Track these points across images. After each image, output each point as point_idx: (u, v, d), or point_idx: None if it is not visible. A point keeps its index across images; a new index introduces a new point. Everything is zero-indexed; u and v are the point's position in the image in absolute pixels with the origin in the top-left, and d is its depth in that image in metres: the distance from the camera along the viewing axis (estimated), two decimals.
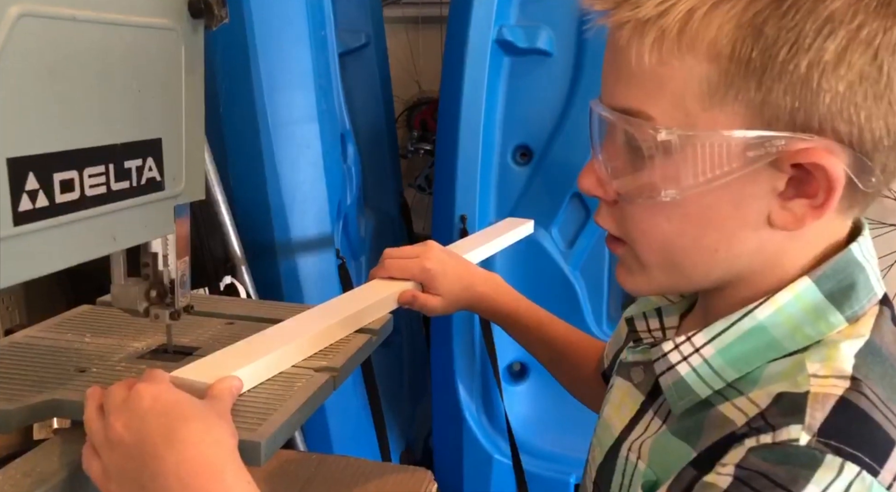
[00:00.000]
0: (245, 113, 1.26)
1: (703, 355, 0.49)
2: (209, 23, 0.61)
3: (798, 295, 0.47)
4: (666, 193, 0.46)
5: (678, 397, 0.50)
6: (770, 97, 0.42)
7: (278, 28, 1.27)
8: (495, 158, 1.53)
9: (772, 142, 0.43)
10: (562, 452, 1.52)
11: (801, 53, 0.41)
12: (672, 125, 0.45)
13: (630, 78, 0.46)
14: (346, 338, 0.71)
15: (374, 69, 1.80)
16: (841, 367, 0.43)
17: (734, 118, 0.43)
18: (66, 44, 0.48)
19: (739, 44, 0.42)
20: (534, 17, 1.46)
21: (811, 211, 0.45)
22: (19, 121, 0.45)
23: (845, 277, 0.47)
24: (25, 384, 0.58)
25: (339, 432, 1.40)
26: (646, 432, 0.54)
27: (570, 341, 0.83)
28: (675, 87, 0.44)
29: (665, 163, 0.45)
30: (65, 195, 0.49)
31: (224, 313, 0.77)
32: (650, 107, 0.46)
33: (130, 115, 0.54)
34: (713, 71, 0.43)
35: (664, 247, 0.49)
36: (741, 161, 0.44)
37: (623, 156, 0.48)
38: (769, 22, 0.41)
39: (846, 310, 0.47)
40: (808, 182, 0.44)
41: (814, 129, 0.43)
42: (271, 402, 0.57)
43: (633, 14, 0.44)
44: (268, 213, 1.29)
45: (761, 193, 0.45)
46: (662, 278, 0.51)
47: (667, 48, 0.44)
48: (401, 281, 0.80)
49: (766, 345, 0.47)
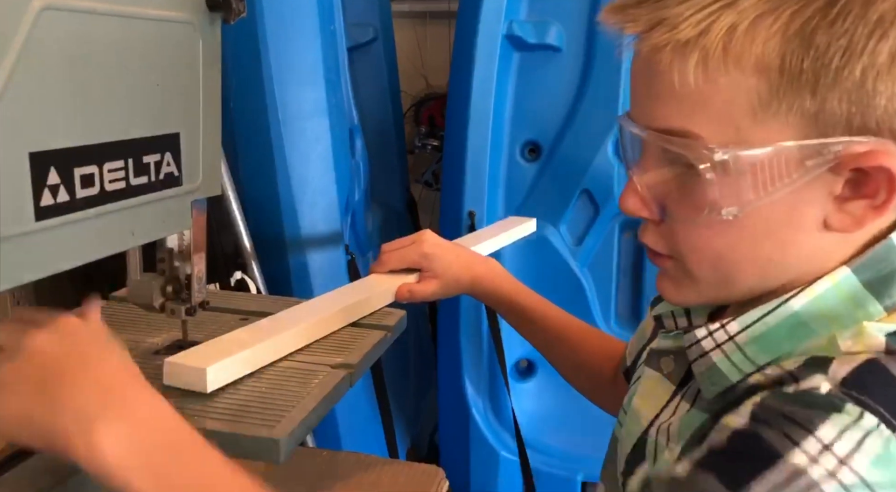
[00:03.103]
0: (255, 107, 1.25)
1: (737, 343, 0.48)
2: (227, 16, 0.61)
3: (836, 284, 0.46)
4: (727, 211, 0.45)
5: (710, 383, 0.49)
6: (826, 105, 0.42)
7: (289, 22, 1.26)
8: (504, 154, 1.52)
9: (829, 148, 0.42)
10: (569, 449, 1.52)
11: (855, 59, 0.41)
12: (723, 142, 0.44)
13: (671, 98, 0.45)
14: (361, 334, 0.71)
15: (382, 64, 1.80)
16: (875, 342, 0.43)
17: (788, 129, 0.43)
18: (85, 37, 0.48)
19: (789, 56, 0.41)
20: (543, 12, 1.45)
21: (871, 211, 0.44)
22: (41, 115, 0.45)
23: (886, 265, 0.46)
24: None
25: (348, 428, 1.40)
26: (674, 415, 0.54)
27: (567, 328, 0.83)
28: (721, 104, 0.44)
29: (723, 181, 0.45)
30: (85, 190, 0.49)
31: (238, 309, 0.77)
32: (697, 126, 0.45)
33: (149, 109, 0.54)
34: (762, 84, 0.42)
35: (717, 261, 0.49)
36: (800, 171, 0.43)
37: (670, 176, 0.48)
38: (818, 31, 0.41)
39: (885, 299, 0.46)
40: (866, 182, 0.44)
41: (871, 130, 0.42)
42: (289, 399, 0.57)
43: (672, 36, 0.43)
44: (277, 208, 1.29)
45: (817, 198, 0.45)
46: (712, 291, 0.51)
47: (713, 67, 0.43)
48: (399, 276, 0.80)
49: (801, 332, 0.46)
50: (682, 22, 0.43)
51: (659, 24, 0.44)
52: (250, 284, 1.20)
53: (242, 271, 1.20)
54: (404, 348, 1.81)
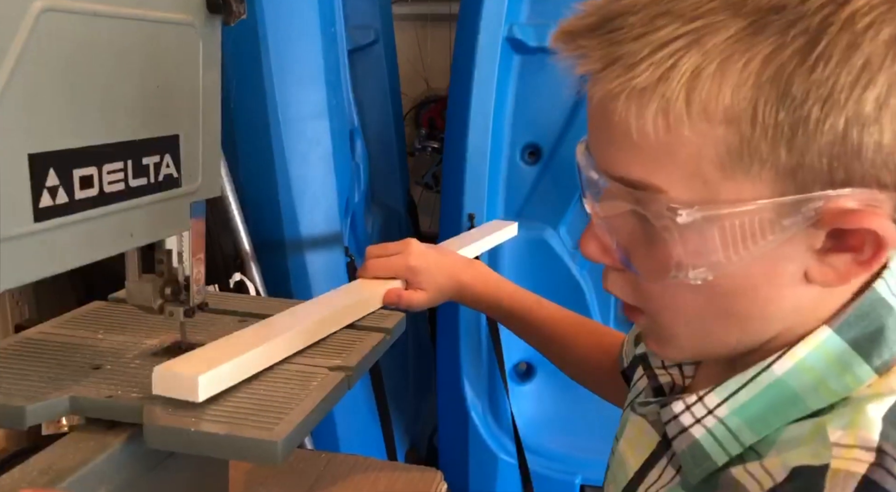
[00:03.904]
0: (255, 109, 1.25)
1: (717, 416, 0.44)
2: (227, 18, 0.61)
3: (818, 346, 0.42)
4: (695, 274, 0.40)
5: (694, 464, 0.45)
6: (804, 160, 0.37)
7: (289, 24, 1.26)
8: (504, 157, 1.52)
9: (808, 205, 0.37)
10: (568, 452, 1.52)
11: (837, 110, 0.35)
12: (689, 198, 0.39)
13: (630, 148, 0.40)
14: (360, 336, 0.71)
15: (383, 66, 1.80)
16: (867, 435, 0.38)
17: (762, 185, 0.38)
18: (86, 39, 0.48)
19: (762, 105, 0.36)
20: (544, 15, 1.46)
21: (856, 266, 0.39)
22: (41, 116, 0.45)
23: (871, 321, 0.42)
24: (41, 381, 0.58)
25: (346, 430, 1.40)
26: (659, 480, 0.51)
27: (560, 325, 0.82)
28: (688, 156, 0.38)
29: (689, 241, 0.40)
30: (84, 191, 0.49)
31: (237, 311, 0.76)
32: (659, 179, 0.39)
33: (149, 110, 0.54)
34: (732, 136, 0.37)
35: (692, 321, 0.44)
36: (775, 230, 0.38)
37: (632, 228, 0.43)
38: (795, 78, 0.35)
39: (875, 359, 0.41)
40: (851, 235, 0.38)
41: (853, 183, 0.37)
42: (287, 401, 0.57)
43: (628, 82, 0.38)
44: (277, 209, 1.29)
45: (797, 253, 0.40)
46: (695, 347, 0.46)
47: (675, 118, 0.38)
48: (386, 280, 0.81)
49: (787, 401, 0.42)
50: (640, 63, 0.37)
51: (612, 64, 0.38)
52: (249, 286, 1.20)
53: (241, 273, 1.20)
54: (403, 350, 1.81)
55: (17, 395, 0.56)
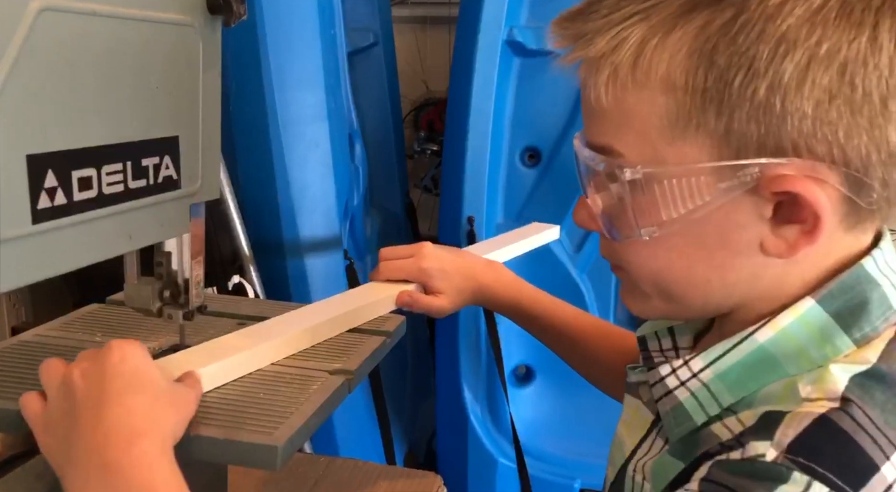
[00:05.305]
0: (255, 111, 1.25)
1: (701, 380, 0.46)
2: (227, 19, 0.60)
3: (801, 316, 0.44)
4: (645, 231, 0.45)
5: (675, 423, 0.48)
6: (733, 126, 0.40)
7: (289, 26, 1.26)
8: (503, 160, 1.52)
9: (744, 170, 0.41)
10: (567, 456, 1.51)
11: (758, 78, 0.39)
12: (640, 161, 0.43)
13: (595, 115, 0.45)
14: (360, 340, 0.70)
15: (382, 69, 1.80)
16: (834, 388, 0.40)
17: (700, 150, 0.42)
18: (84, 39, 0.47)
19: (692, 73, 0.40)
20: (544, 18, 1.45)
21: (803, 237, 0.42)
22: (39, 117, 0.45)
23: (855, 295, 0.44)
24: (38, 385, 0.57)
25: (345, 434, 1.39)
26: (649, 453, 0.53)
27: (581, 328, 0.81)
28: (639, 122, 0.43)
29: (637, 200, 0.44)
30: (83, 193, 0.48)
31: (236, 313, 0.76)
32: (618, 143, 0.44)
33: (148, 112, 0.54)
34: (671, 103, 0.42)
35: (656, 280, 0.48)
36: (714, 193, 0.42)
37: (604, 192, 0.47)
38: (720, 48, 0.40)
39: (855, 332, 0.43)
40: (798, 206, 0.41)
41: (787, 152, 0.40)
42: (287, 405, 0.57)
43: (586, 52, 0.43)
44: (276, 212, 1.29)
45: (748, 220, 0.43)
46: (662, 306, 0.50)
47: (621, 84, 0.43)
48: (398, 283, 0.79)
49: (767, 368, 0.44)
50: (597, 36, 0.43)
51: (579, 38, 0.44)
52: (248, 289, 1.20)
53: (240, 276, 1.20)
54: (402, 354, 1.80)
55: (13, 398, 0.55)
